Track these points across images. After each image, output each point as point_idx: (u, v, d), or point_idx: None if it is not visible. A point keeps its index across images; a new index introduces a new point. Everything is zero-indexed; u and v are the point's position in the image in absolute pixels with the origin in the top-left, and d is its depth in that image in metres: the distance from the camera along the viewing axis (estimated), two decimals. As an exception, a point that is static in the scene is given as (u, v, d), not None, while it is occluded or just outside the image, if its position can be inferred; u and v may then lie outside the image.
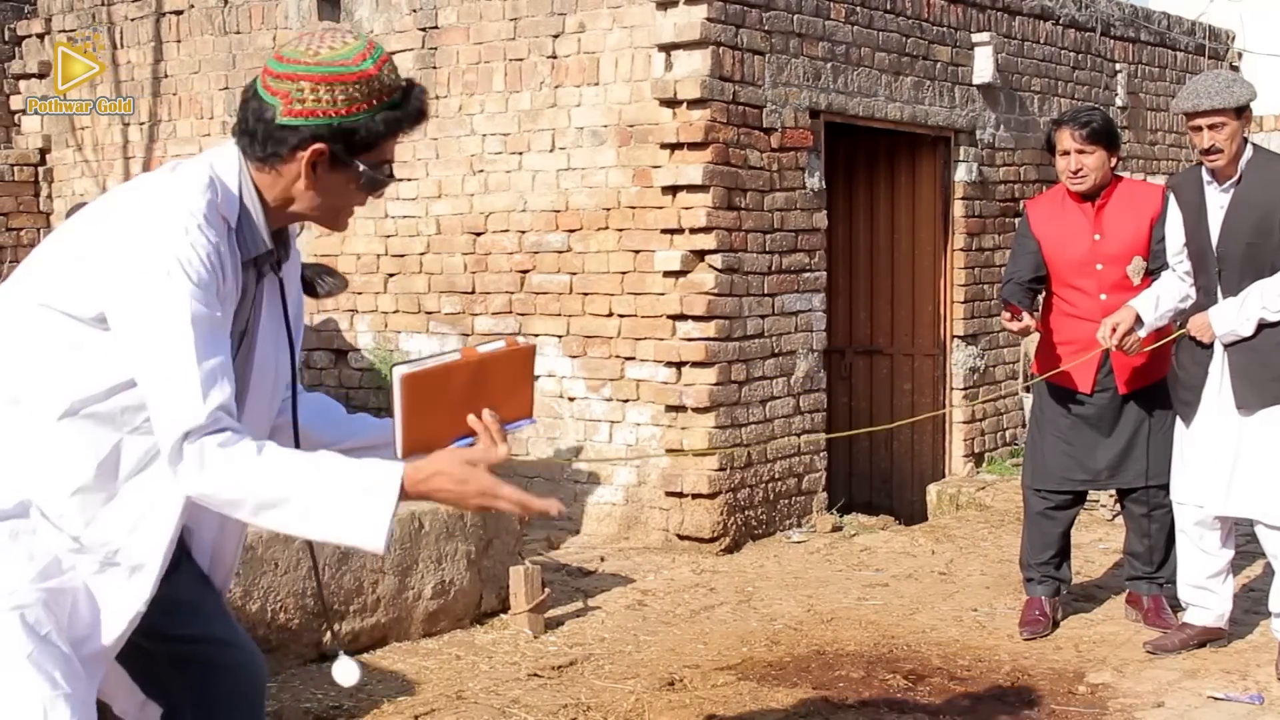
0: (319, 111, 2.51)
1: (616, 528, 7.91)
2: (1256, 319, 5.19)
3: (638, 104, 7.67)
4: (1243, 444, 5.23)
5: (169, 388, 2.39)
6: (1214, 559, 5.50)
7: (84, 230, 2.52)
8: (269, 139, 2.53)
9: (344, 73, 2.51)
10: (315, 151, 2.53)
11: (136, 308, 2.41)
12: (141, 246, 2.42)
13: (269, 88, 2.53)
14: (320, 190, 2.59)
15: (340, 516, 2.46)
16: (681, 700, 5.05)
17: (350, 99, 2.52)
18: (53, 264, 2.53)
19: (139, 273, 2.41)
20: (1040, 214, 5.89)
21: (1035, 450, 6.02)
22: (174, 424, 2.39)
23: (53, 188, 10.54)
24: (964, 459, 9.37)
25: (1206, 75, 5.36)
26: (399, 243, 8.65)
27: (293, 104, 2.50)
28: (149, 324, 2.40)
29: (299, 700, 5.03)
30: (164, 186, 2.53)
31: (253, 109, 2.55)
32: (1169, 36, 11.54)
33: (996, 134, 9.46)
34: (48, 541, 2.50)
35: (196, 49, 9.73)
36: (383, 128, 2.58)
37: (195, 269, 2.42)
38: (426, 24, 8.51)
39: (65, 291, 2.48)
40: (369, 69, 2.53)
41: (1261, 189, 5.20)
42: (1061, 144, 5.72)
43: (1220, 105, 5.16)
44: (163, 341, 2.39)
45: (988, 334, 9.51)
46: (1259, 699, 5.03)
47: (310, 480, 2.43)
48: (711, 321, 7.53)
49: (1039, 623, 5.88)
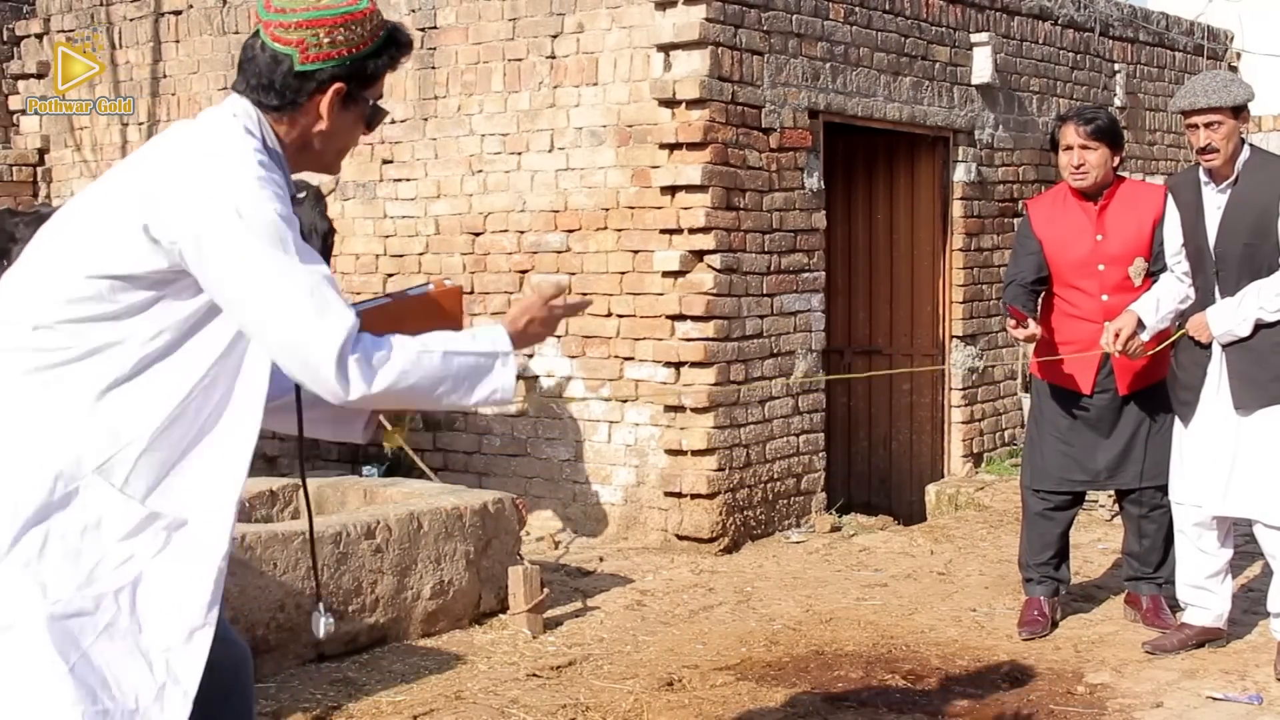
0: (335, 53, 2.62)
1: (615, 528, 7.91)
2: (1253, 319, 5.19)
3: (636, 104, 7.67)
4: (1241, 444, 5.24)
5: (300, 316, 2.46)
6: (1213, 559, 5.50)
7: (134, 191, 2.52)
8: (287, 88, 2.62)
9: (351, 12, 2.62)
10: (336, 91, 2.64)
11: (236, 248, 2.45)
12: (221, 186, 2.47)
13: (280, 39, 2.61)
14: (334, 130, 2.70)
15: (485, 381, 2.68)
16: (680, 700, 5.05)
17: (360, 37, 2.64)
18: (99, 232, 2.52)
19: (228, 212, 2.45)
20: (1041, 213, 5.88)
21: (1034, 450, 6.02)
22: (324, 347, 2.46)
23: (51, 188, 10.54)
24: (963, 459, 9.37)
25: (1204, 75, 5.37)
26: (398, 243, 8.65)
27: (309, 49, 2.60)
28: (255, 262, 2.45)
29: (298, 700, 5.03)
30: (210, 135, 2.58)
31: (264, 62, 2.62)
32: (1167, 37, 11.54)
33: (995, 134, 9.47)
34: (101, 532, 2.48)
35: (195, 49, 9.73)
36: (387, 59, 2.71)
37: (275, 200, 2.50)
38: (425, 24, 8.51)
39: (120, 256, 2.48)
40: (368, 6, 2.66)
41: (1258, 189, 5.20)
42: (1065, 139, 5.72)
43: (1217, 104, 5.17)
44: (277, 275, 2.46)
45: (986, 334, 9.51)
46: (1258, 699, 5.03)
47: (452, 357, 2.63)
48: (710, 321, 7.53)
49: (1038, 623, 5.88)
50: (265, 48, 2.62)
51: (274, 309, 2.46)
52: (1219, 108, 5.16)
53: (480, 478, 8.27)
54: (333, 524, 5.56)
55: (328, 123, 2.67)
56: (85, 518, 2.48)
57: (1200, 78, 5.33)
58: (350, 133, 2.75)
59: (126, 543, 2.50)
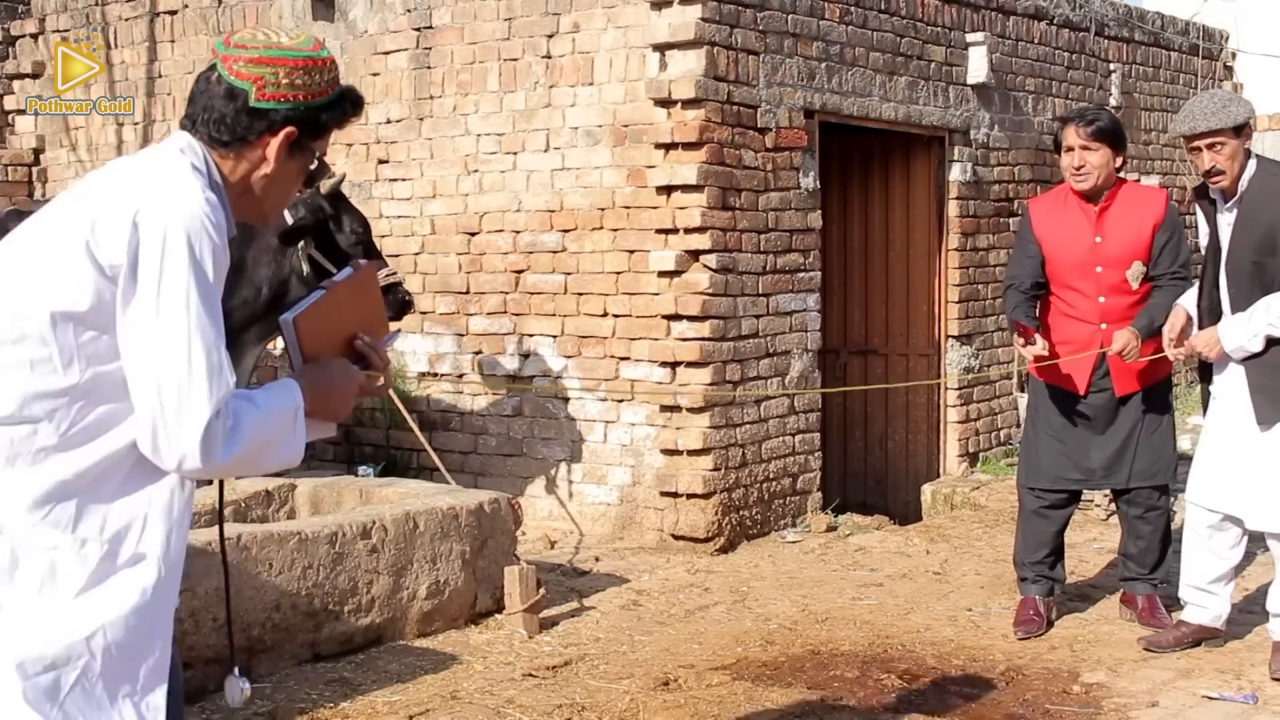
0: (291, 95, 2.60)
1: (611, 528, 7.90)
2: (1265, 334, 5.17)
3: (632, 104, 7.67)
4: (1262, 455, 5.22)
5: (170, 394, 2.41)
6: (1221, 562, 5.48)
7: (78, 219, 2.48)
8: (238, 123, 2.59)
9: (313, 58, 2.62)
10: (288, 134, 2.62)
11: (166, 273, 2.42)
12: (167, 211, 2.44)
13: (238, 73, 2.58)
14: (278, 176, 2.66)
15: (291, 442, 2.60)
16: (676, 700, 5.05)
17: (317, 85, 2.63)
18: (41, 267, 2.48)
19: (171, 234, 2.42)
20: (1041, 212, 5.88)
21: (1030, 449, 6.03)
22: (182, 430, 2.41)
23: (46, 188, 10.53)
24: (958, 459, 9.37)
25: (1202, 96, 5.30)
26: (394, 243, 8.64)
27: (266, 88, 2.58)
28: (176, 296, 2.42)
29: (293, 700, 5.03)
30: (158, 165, 2.55)
31: (218, 95, 2.60)
32: (1163, 36, 11.55)
33: (991, 134, 9.47)
34: (57, 583, 2.46)
35: (190, 49, 9.72)
36: (339, 114, 2.69)
37: (214, 237, 2.47)
38: (421, 24, 8.50)
39: (66, 289, 2.44)
40: (328, 57, 2.67)
41: (1264, 205, 5.17)
42: (1066, 140, 5.72)
43: (1217, 126, 5.13)
44: (186, 325, 2.42)
45: (982, 334, 9.52)
46: (1253, 698, 5.03)
47: (275, 422, 2.56)
48: (706, 321, 7.53)
49: (1033, 622, 5.88)
50: (221, 81, 2.59)
51: (157, 364, 2.42)
52: (1220, 130, 5.13)
53: (476, 478, 8.27)
54: (328, 524, 5.56)
55: (273, 166, 2.64)
56: (40, 571, 2.46)
57: (1199, 99, 5.28)
58: (292, 182, 2.72)
59: (83, 589, 2.48)
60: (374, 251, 7.00)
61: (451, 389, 8.57)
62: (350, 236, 6.56)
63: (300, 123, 2.62)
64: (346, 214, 6.65)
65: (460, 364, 8.50)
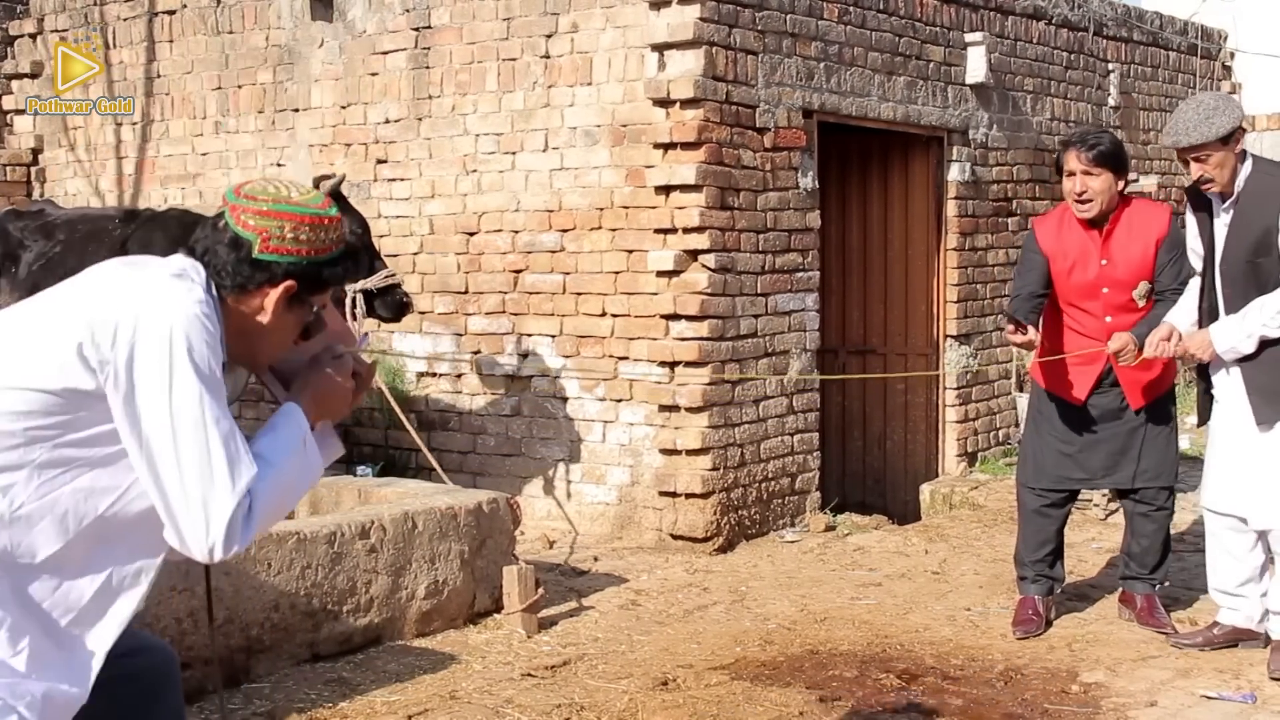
0: (295, 250, 2.65)
1: (610, 527, 7.90)
2: (1258, 335, 5.17)
3: (631, 104, 7.67)
4: (1262, 454, 5.23)
5: (194, 490, 2.47)
6: (1242, 564, 5.47)
7: (70, 312, 2.53)
8: (239, 272, 2.64)
9: (320, 215, 2.69)
10: (287, 288, 2.66)
11: (166, 376, 2.47)
12: (166, 315, 2.49)
13: (245, 223, 2.64)
14: (274, 326, 2.70)
15: (309, 471, 2.71)
16: (675, 700, 5.05)
17: (322, 242, 2.68)
18: (21, 348, 2.53)
19: (168, 339, 2.47)
20: (1048, 234, 5.82)
21: (1032, 449, 6.03)
22: (206, 527, 2.48)
23: (45, 188, 10.52)
24: (957, 458, 9.37)
25: (1188, 105, 5.26)
26: (392, 243, 8.64)
27: (270, 240, 2.64)
28: (180, 397, 2.47)
29: (292, 700, 5.02)
30: (159, 272, 2.60)
31: (223, 241, 2.65)
32: (1161, 36, 11.56)
33: (989, 134, 9.47)
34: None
35: (189, 49, 9.72)
36: (340, 272, 2.76)
37: (211, 347, 2.53)
38: (419, 24, 8.50)
39: (42, 371, 2.48)
40: (336, 215, 2.73)
41: (1259, 207, 5.17)
42: (1068, 165, 5.66)
43: (1199, 140, 5.13)
44: (193, 425, 2.47)
45: (980, 334, 9.52)
46: (1251, 698, 5.03)
47: (289, 470, 2.63)
48: (705, 321, 7.53)
49: (1032, 622, 5.89)
50: (228, 229, 2.65)
51: (178, 461, 2.47)
52: (1204, 143, 5.13)
53: (475, 477, 8.27)
54: (327, 524, 5.55)
55: (270, 317, 2.68)
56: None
57: (1185, 108, 5.24)
58: (288, 334, 2.75)
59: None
60: (373, 252, 7.01)
61: (450, 389, 8.57)
62: (349, 237, 6.57)
63: (301, 277, 2.67)
64: (345, 215, 6.65)
65: (459, 364, 8.50)
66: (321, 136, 9.00)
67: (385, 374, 8.43)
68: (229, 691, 5.02)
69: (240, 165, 9.47)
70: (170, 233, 6.80)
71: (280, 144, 9.24)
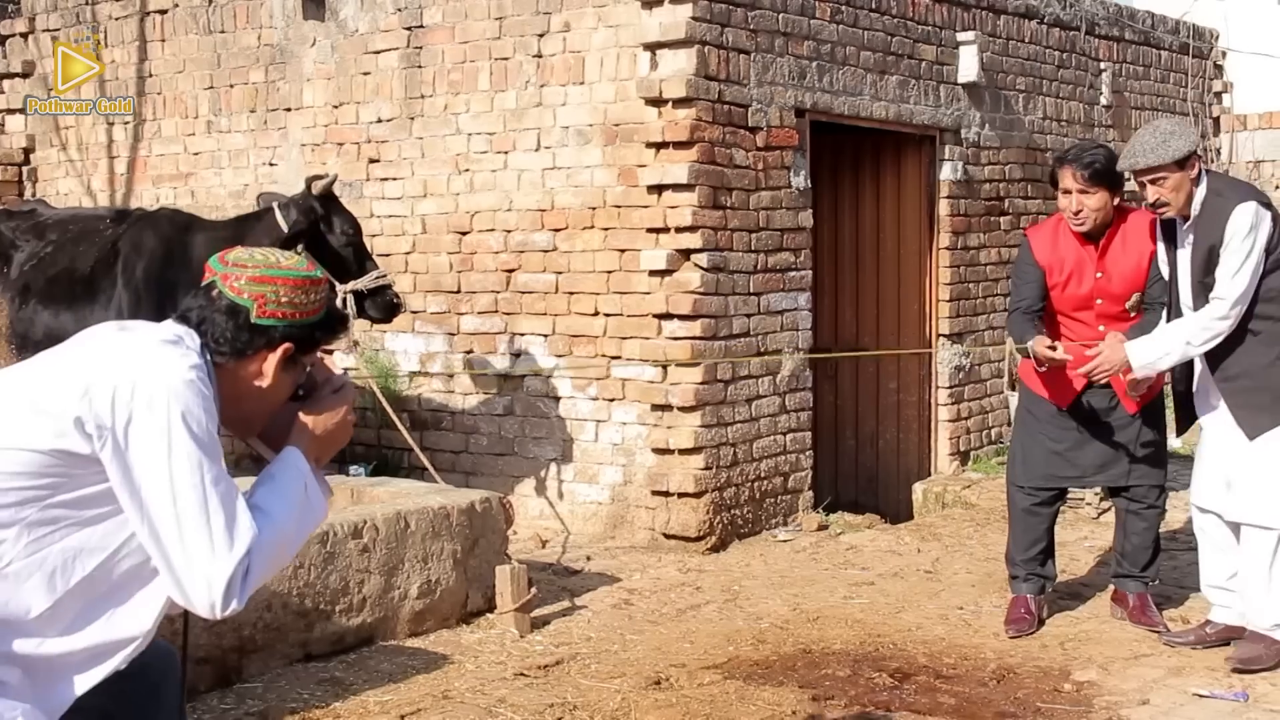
0: (289, 313, 2.72)
1: (603, 527, 7.90)
2: (1179, 354, 5.29)
3: (623, 103, 7.67)
4: (1244, 453, 5.28)
5: (199, 543, 2.51)
6: (1231, 558, 5.51)
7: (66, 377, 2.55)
8: (238, 339, 2.70)
9: (309, 277, 2.76)
10: (285, 350, 2.73)
11: (164, 443, 2.50)
12: (164, 382, 2.52)
13: (238, 290, 2.70)
14: (272, 388, 2.76)
15: (310, 518, 2.77)
16: (668, 699, 5.05)
17: (311, 303, 2.76)
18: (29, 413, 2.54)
19: (166, 405, 2.51)
20: (1042, 245, 5.82)
21: (1021, 447, 6.04)
22: (210, 586, 2.52)
23: (37, 187, 10.51)
24: (950, 457, 9.38)
25: (1144, 131, 5.34)
26: (384, 242, 8.63)
27: (267, 305, 2.70)
28: (179, 462, 2.50)
29: (284, 700, 5.02)
30: (156, 339, 2.63)
31: (219, 308, 2.70)
32: (1153, 35, 11.57)
33: (981, 133, 9.48)
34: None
35: (181, 48, 9.70)
36: (329, 330, 2.83)
37: (208, 412, 2.57)
38: (412, 23, 8.49)
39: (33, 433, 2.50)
40: (321, 277, 2.81)
41: (1209, 226, 5.24)
42: (1063, 183, 5.66)
43: (1156, 163, 5.19)
44: (191, 487, 2.51)
45: (973, 332, 9.53)
46: (1244, 696, 5.04)
47: (288, 521, 2.68)
48: (697, 320, 7.53)
49: (1025, 620, 5.89)
50: (222, 297, 2.70)
51: (178, 524, 2.51)
52: (1160, 165, 5.19)
53: (467, 477, 8.27)
54: (319, 523, 5.54)
55: (271, 380, 2.74)
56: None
57: (1139, 135, 5.33)
58: (283, 395, 2.80)
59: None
60: (364, 253, 6.99)
61: (443, 388, 8.56)
62: (341, 238, 6.55)
63: (296, 339, 2.74)
64: (337, 215, 6.66)
65: (451, 363, 8.49)
66: (314, 136, 9.00)
67: (378, 374, 8.43)
68: (221, 691, 5.02)
69: (232, 165, 9.46)
70: (161, 232, 6.80)
71: (272, 143, 9.23)
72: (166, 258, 6.70)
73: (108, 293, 6.72)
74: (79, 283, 6.82)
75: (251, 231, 6.58)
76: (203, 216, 7.41)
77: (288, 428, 2.81)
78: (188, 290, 6.76)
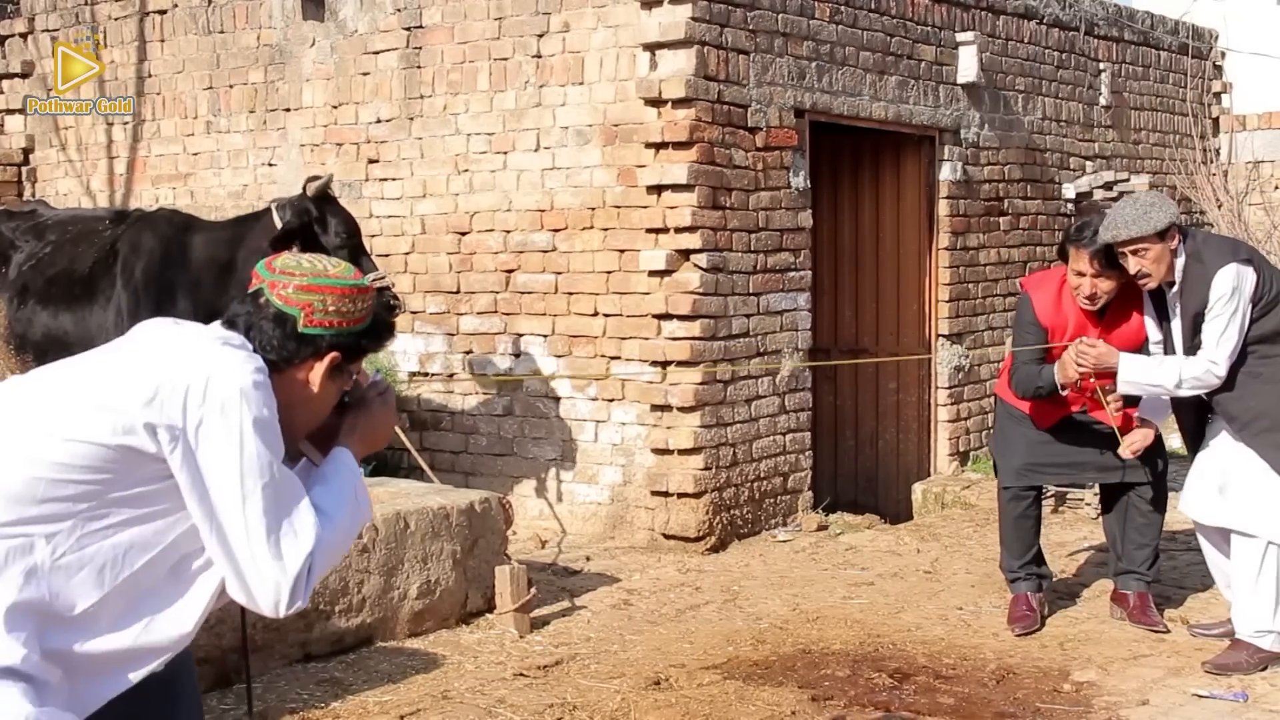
0: (338, 322, 2.72)
1: (602, 527, 7.90)
2: (1165, 389, 5.38)
3: (623, 103, 7.67)
4: (1243, 459, 5.31)
5: (262, 544, 2.54)
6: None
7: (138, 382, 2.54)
8: (285, 347, 2.70)
9: (356, 285, 2.76)
10: (332, 359, 2.73)
11: (235, 441, 2.52)
12: (235, 381, 2.54)
13: (286, 299, 2.70)
14: (320, 397, 2.77)
15: (360, 517, 2.81)
16: (667, 699, 5.05)
17: (358, 311, 2.76)
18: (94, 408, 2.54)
19: (239, 405, 2.52)
20: (1045, 306, 5.81)
21: (1000, 450, 6.06)
22: (275, 586, 2.56)
23: (36, 188, 10.51)
24: (949, 458, 9.38)
25: (1125, 203, 5.39)
26: (384, 242, 8.63)
27: (315, 314, 2.70)
28: (249, 461, 2.52)
29: (284, 700, 5.02)
30: (219, 341, 2.64)
31: (266, 315, 2.70)
32: (1152, 36, 11.57)
33: (981, 133, 9.48)
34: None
35: (181, 48, 9.70)
36: (376, 338, 2.84)
37: (272, 425, 2.58)
38: (411, 23, 8.49)
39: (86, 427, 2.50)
40: (368, 286, 2.81)
41: (1193, 293, 5.31)
42: (1076, 264, 5.62)
43: (1136, 234, 5.24)
44: (254, 508, 2.53)
45: (972, 333, 9.53)
46: (1243, 696, 5.04)
47: (346, 520, 2.73)
48: (697, 321, 7.53)
49: (1028, 617, 5.90)
50: (269, 305, 2.70)
51: (246, 527, 2.53)
52: (1142, 237, 5.24)
53: (467, 477, 8.27)
54: (319, 524, 5.54)
55: (318, 388, 2.74)
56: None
57: (1120, 206, 5.37)
58: (329, 403, 2.81)
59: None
60: (361, 254, 6.89)
61: (442, 388, 8.56)
62: (335, 239, 6.48)
63: (344, 348, 2.74)
64: (333, 216, 6.60)
65: (451, 363, 8.49)
66: (313, 136, 8.99)
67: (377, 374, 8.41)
68: (220, 691, 5.02)
69: (231, 165, 9.46)
70: (160, 233, 6.79)
71: (271, 144, 9.23)
72: (165, 258, 6.69)
73: (106, 293, 6.72)
74: (78, 283, 6.82)
75: (250, 232, 6.58)
76: (201, 217, 7.40)
77: (332, 429, 2.83)
78: (187, 290, 6.80)
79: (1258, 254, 5.45)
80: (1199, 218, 11.85)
